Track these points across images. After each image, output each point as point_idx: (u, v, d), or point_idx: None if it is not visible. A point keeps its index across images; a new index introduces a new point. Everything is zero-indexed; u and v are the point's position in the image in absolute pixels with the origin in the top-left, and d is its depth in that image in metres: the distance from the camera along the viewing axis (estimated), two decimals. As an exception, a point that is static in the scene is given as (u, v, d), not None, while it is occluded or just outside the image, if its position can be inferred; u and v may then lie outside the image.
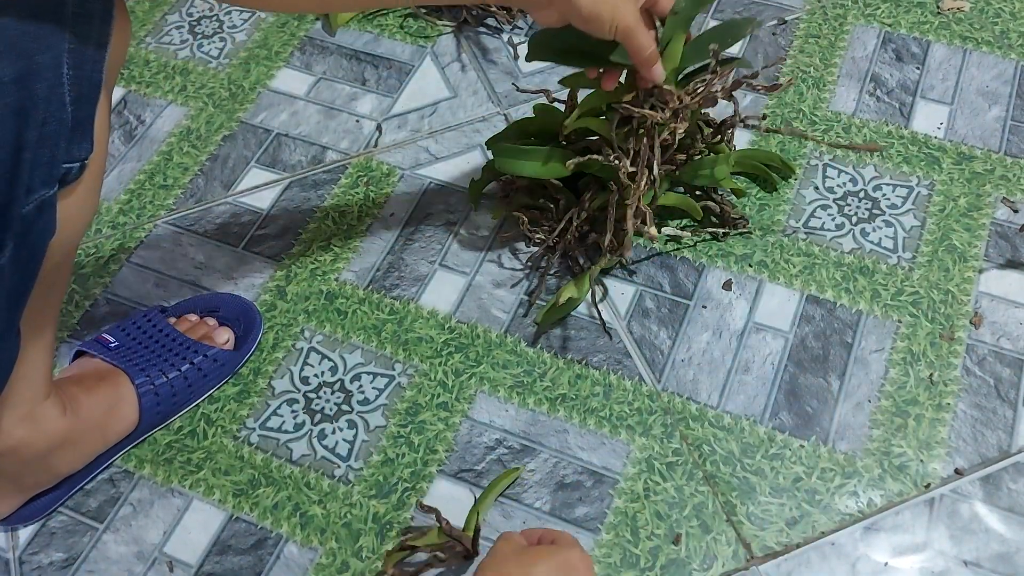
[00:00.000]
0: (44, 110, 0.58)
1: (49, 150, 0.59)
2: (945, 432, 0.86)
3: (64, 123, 0.60)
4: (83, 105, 0.61)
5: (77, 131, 0.61)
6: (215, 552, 0.83)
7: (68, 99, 0.59)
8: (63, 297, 0.77)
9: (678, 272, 0.97)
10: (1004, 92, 1.10)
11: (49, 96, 0.58)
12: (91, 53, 0.61)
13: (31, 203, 0.59)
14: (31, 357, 0.72)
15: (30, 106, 0.57)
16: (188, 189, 1.07)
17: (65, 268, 0.71)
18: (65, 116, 0.59)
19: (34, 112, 0.57)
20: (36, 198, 0.59)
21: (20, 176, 0.57)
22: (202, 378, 0.88)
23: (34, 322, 0.69)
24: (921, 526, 0.82)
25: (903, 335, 0.92)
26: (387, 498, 0.85)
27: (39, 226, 0.61)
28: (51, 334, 0.75)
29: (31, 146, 0.57)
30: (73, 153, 0.61)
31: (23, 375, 0.72)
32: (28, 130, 0.57)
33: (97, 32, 0.61)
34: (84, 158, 0.62)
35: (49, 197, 0.60)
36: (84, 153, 0.62)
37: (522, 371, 0.91)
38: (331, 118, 1.13)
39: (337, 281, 0.99)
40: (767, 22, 1.18)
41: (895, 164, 1.04)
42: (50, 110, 0.58)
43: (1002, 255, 0.97)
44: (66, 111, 0.59)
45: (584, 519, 0.83)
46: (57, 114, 0.59)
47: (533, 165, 0.92)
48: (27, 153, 0.57)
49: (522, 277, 0.98)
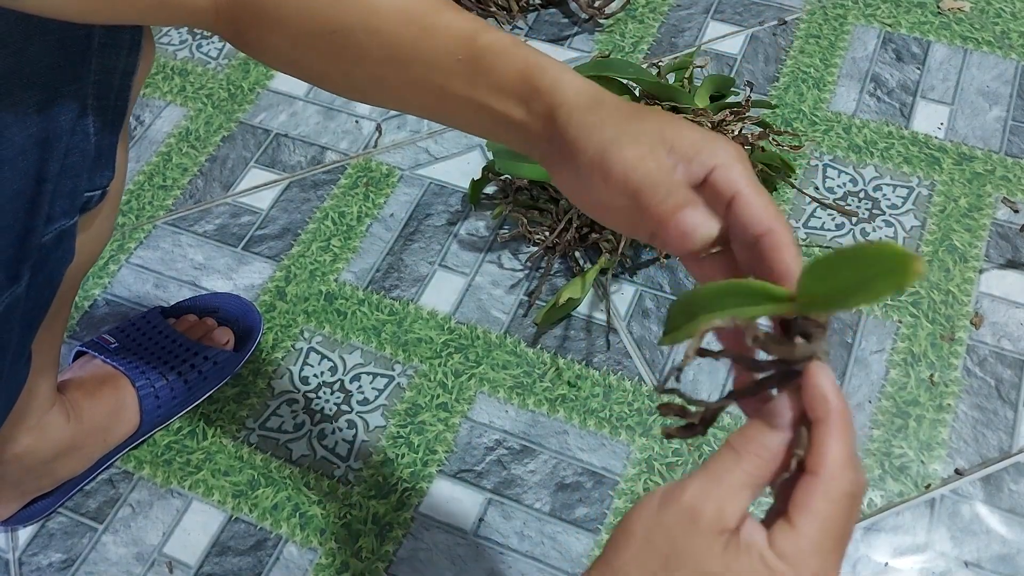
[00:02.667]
0: (67, 141, 0.56)
1: (71, 180, 0.57)
2: (946, 433, 0.86)
3: (87, 154, 0.58)
4: (107, 134, 0.59)
5: (100, 160, 0.59)
6: (215, 553, 0.82)
7: (92, 130, 0.58)
8: (68, 318, 0.76)
9: (678, 272, 0.97)
10: (1004, 92, 1.10)
11: (73, 128, 0.56)
12: (117, 83, 0.59)
13: (50, 233, 0.57)
14: (39, 372, 0.72)
15: (54, 137, 0.55)
16: (187, 190, 1.07)
17: (72, 293, 0.70)
18: (88, 147, 0.58)
19: (57, 143, 0.55)
20: (56, 228, 0.58)
21: (40, 206, 0.56)
22: (202, 379, 0.88)
23: (43, 341, 0.68)
24: (922, 527, 0.81)
25: (903, 336, 0.92)
26: (387, 498, 0.84)
27: (57, 255, 0.59)
28: (58, 349, 0.75)
29: (53, 177, 0.56)
30: (95, 182, 0.60)
31: (30, 389, 0.72)
32: (51, 161, 0.55)
33: (124, 62, 0.59)
34: (105, 186, 0.61)
35: (69, 227, 0.59)
36: (105, 181, 0.61)
37: (522, 372, 0.91)
38: (330, 118, 1.13)
39: (337, 282, 0.99)
40: (768, 22, 1.18)
41: (895, 164, 1.04)
42: (74, 141, 0.56)
43: (1003, 255, 0.97)
44: (90, 142, 0.58)
45: (584, 520, 0.83)
46: (81, 145, 0.57)
47: (533, 166, 0.92)
48: (49, 184, 0.55)
49: (522, 277, 0.98)
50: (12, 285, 0.56)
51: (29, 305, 0.59)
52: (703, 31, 1.18)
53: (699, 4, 1.21)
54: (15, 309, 0.57)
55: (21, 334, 0.60)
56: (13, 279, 0.56)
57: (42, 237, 0.57)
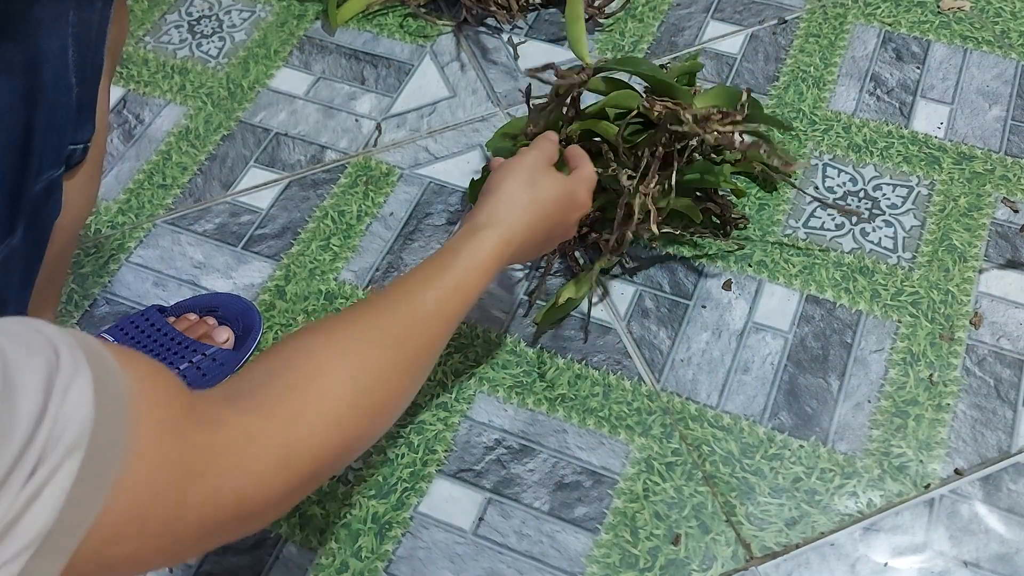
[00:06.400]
0: (52, 95, 0.59)
1: (56, 134, 0.60)
2: (945, 432, 0.86)
3: (70, 107, 0.61)
4: (87, 88, 0.62)
5: (82, 114, 0.62)
6: (214, 552, 0.82)
7: (74, 82, 0.61)
8: (62, 293, 0.77)
9: (677, 272, 0.97)
10: (1004, 92, 1.10)
11: (56, 81, 0.59)
12: (93, 37, 0.62)
13: (40, 184, 0.60)
14: None
15: (38, 91, 0.58)
16: (187, 188, 1.07)
17: (65, 259, 0.72)
18: (71, 100, 0.61)
19: (42, 97, 0.58)
20: (44, 179, 0.60)
21: (31, 159, 0.59)
22: (201, 377, 0.88)
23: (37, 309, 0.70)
24: (921, 527, 0.82)
25: (903, 335, 0.92)
26: (386, 498, 0.85)
27: (47, 208, 0.62)
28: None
29: (40, 129, 0.59)
30: (78, 135, 0.63)
31: None
32: (37, 114, 0.58)
33: (99, 16, 0.62)
34: (87, 140, 0.64)
35: (56, 178, 0.62)
36: (87, 135, 0.64)
37: (521, 371, 0.91)
38: (330, 117, 1.13)
39: (336, 281, 0.99)
40: (768, 21, 1.18)
41: (895, 164, 1.04)
42: (57, 94, 0.59)
43: (1002, 255, 0.97)
44: (72, 95, 0.61)
45: (583, 519, 0.83)
46: (64, 98, 0.60)
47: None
48: (37, 136, 0.58)
49: (522, 277, 0.98)
50: (8, 236, 0.59)
51: (25, 257, 0.62)
52: (703, 30, 1.18)
53: (699, 3, 1.21)
54: (13, 260, 0.60)
55: (19, 289, 0.63)
56: (9, 230, 0.59)
57: (33, 189, 0.60)
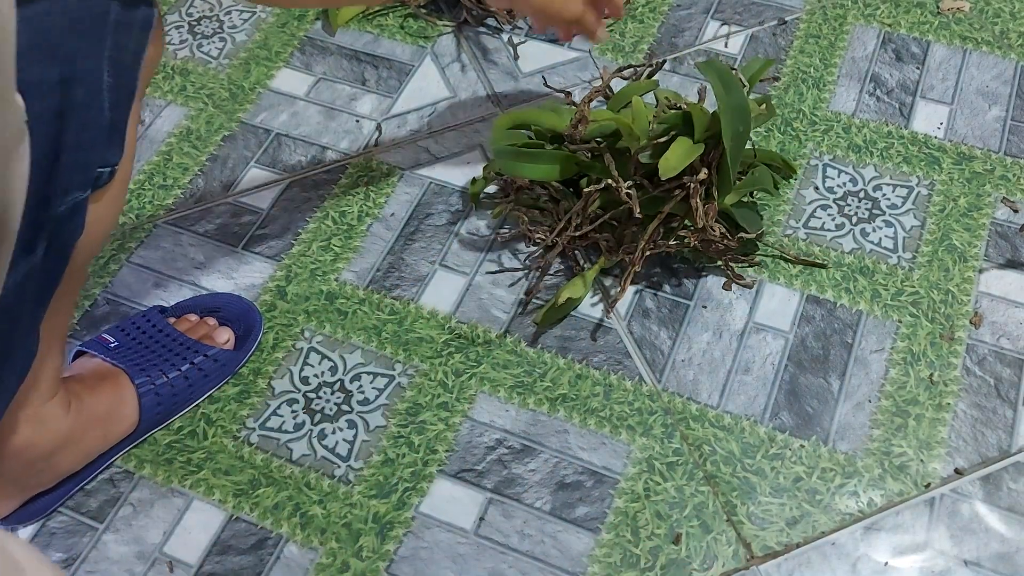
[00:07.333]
0: (83, 115, 0.59)
1: (85, 154, 0.60)
2: (945, 432, 0.86)
3: (101, 128, 0.61)
4: (119, 112, 0.62)
5: (112, 137, 0.62)
6: (215, 552, 0.83)
7: (106, 105, 0.61)
8: (76, 302, 0.78)
9: (678, 272, 0.97)
10: (1004, 92, 1.10)
11: (89, 102, 0.59)
12: (129, 61, 0.62)
13: (65, 204, 0.60)
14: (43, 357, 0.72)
15: (69, 110, 0.58)
16: (188, 189, 1.07)
17: (81, 274, 0.72)
18: (103, 121, 0.61)
19: (73, 116, 0.58)
20: (70, 200, 0.60)
21: (57, 177, 0.59)
22: (202, 378, 0.88)
23: (49, 326, 0.70)
24: (921, 526, 0.82)
25: (903, 335, 0.92)
26: (387, 498, 0.85)
27: (70, 227, 0.62)
28: (62, 338, 0.76)
29: (69, 149, 0.59)
30: (107, 158, 0.63)
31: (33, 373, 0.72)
32: (67, 133, 0.58)
33: (136, 42, 0.63)
34: (116, 163, 0.64)
35: (82, 200, 0.62)
36: (116, 158, 0.64)
37: (522, 371, 0.91)
38: (331, 118, 1.13)
39: (337, 281, 0.99)
40: (767, 22, 1.19)
41: (895, 164, 1.04)
42: (89, 115, 0.60)
43: (1002, 255, 0.97)
44: (104, 116, 0.61)
45: (584, 519, 0.83)
46: (95, 119, 0.60)
47: (534, 166, 0.92)
48: (65, 155, 0.59)
49: (522, 277, 0.98)
50: (28, 255, 0.59)
51: (42, 277, 0.62)
52: (703, 31, 1.18)
53: (699, 4, 1.21)
54: (30, 280, 0.60)
55: (34, 307, 0.63)
56: (30, 249, 0.59)
57: (57, 209, 0.60)
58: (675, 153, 0.86)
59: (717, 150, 0.88)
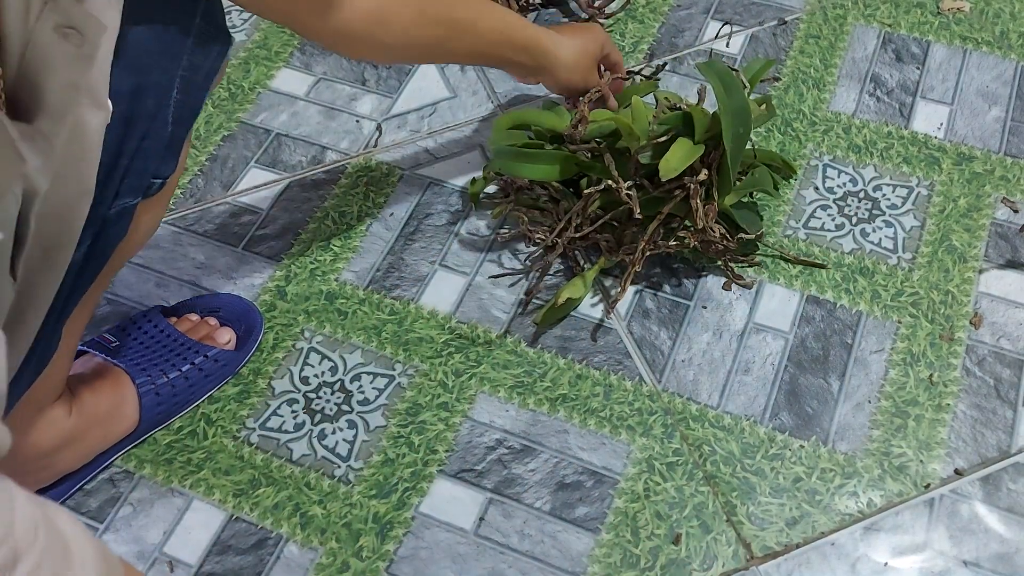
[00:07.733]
0: (148, 125, 0.61)
1: (143, 162, 0.62)
2: (945, 432, 0.87)
3: (162, 140, 0.63)
4: (180, 128, 0.64)
5: (170, 150, 0.65)
6: (215, 552, 0.83)
7: (170, 119, 0.63)
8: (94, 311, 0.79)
9: (678, 272, 0.97)
10: (1004, 93, 1.10)
11: (155, 113, 0.62)
12: (200, 81, 0.65)
13: (115, 208, 0.62)
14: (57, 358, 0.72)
15: (136, 118, 0.60)
16: (188, 189, 1.07)
17: (108, 278, 0.73)
18: (164, 134, 0.63)
19: (139, 125, 0.61)
20: (120, 204, 0.62)
21: (113, 180, 0.61)
22: (203, 378, 0.88)
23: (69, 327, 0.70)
24: (921, 526, 0.82)
25: (903, 336, 0.92)
26: (387, 498, 0.85)
27: (115, 230, 0.64)
28: (77, 338, 0.77)
29: (129, 155, 0.61)
30: (161, 169, 0.65)
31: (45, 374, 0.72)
32: (130, 140, 0.61)
33: (211, 64, 0.65)
34: (167, 176, 0.66)
35: (131, 206, 0.63)
36: (169, 171, 0.66)
37: (522, 371, 0.91)
38: (331, 118, 1.13)
39: (337, 281, 0.99)
40: (767, 22, 1.19)
41: (895, 164, 1.04)
42: (153, 126, 0.62)
43: (1002, 255, 0.97)
44: (166, 130, 0.63)
45: (584, 519, 0.83)
46: (158, 131, 0.62)
47: (533, 166, 0.92)
48: (124, 160, 0.61)
49: (522, 277, 0.98)
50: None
51: (79, 274, 0.63)
52: (703, 31, 1.18)
53: (699, 4, 1.21)
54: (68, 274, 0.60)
55: (64, 303, 0.64)
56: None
57: (108, 210, 0.62)
58: (675, 154, 0.86)
59: (717, 151, 0.88)
